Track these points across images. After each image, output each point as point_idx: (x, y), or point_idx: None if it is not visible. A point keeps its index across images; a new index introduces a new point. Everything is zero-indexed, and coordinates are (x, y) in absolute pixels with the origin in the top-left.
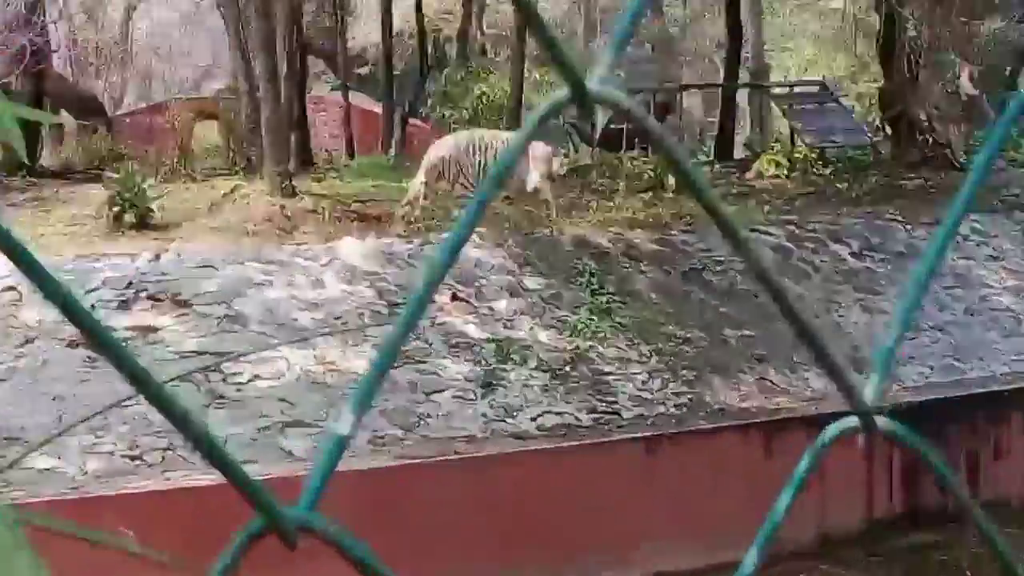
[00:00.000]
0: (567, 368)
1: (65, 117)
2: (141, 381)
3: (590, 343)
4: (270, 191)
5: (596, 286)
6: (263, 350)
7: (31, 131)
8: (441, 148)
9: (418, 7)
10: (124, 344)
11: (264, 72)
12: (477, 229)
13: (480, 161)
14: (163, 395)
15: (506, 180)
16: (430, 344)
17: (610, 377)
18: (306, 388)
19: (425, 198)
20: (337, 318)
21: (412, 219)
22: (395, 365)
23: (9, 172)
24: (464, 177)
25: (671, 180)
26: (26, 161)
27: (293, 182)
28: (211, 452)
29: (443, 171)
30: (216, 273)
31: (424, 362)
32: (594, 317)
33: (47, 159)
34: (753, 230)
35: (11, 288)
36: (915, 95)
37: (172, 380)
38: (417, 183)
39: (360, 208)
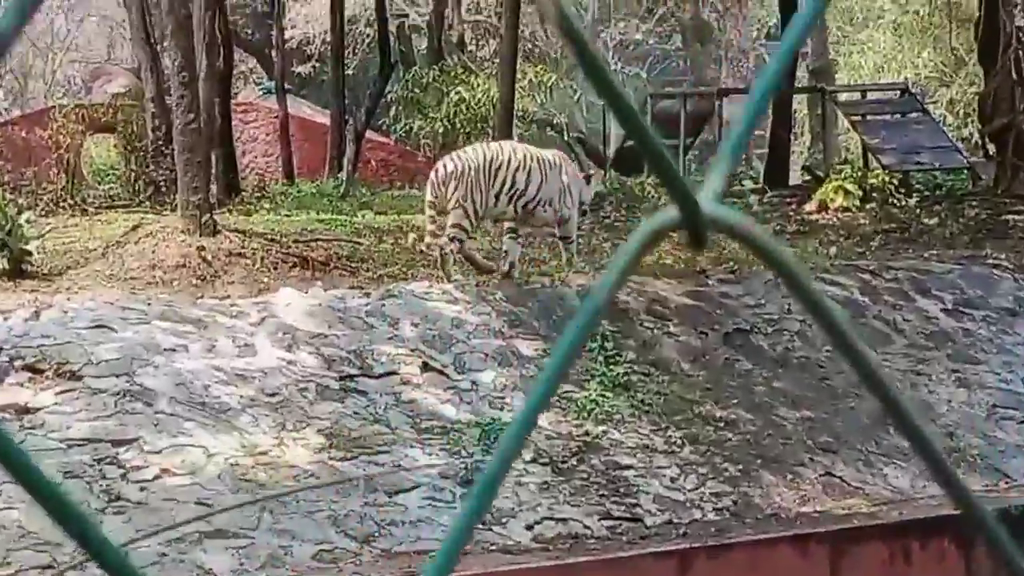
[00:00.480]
0: (573, 460)
1: None
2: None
3: (603, 427)
4: (184, 227)
5: (611, 353)
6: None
7: None
8: (450, 162)
9: None
10: None
11: (176, 70)
12: (454, 276)
13: (504, 181)
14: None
15: (536, 214)
16: (393, 429)
17: (630, 472)
18: (231, 487)
19: (434, 227)
20: (271, 395)
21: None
22: (349, 455)
23: None
24: (473, 202)
25: None
26: None
27: (214, 216)
28: None
29: (444, 192)
30: (114, 336)
31: (385, 451)
32: (608, 393)
33: None
34: (815, 280)
35: None
36: None
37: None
38: (425, 210)
39: (301, 250)
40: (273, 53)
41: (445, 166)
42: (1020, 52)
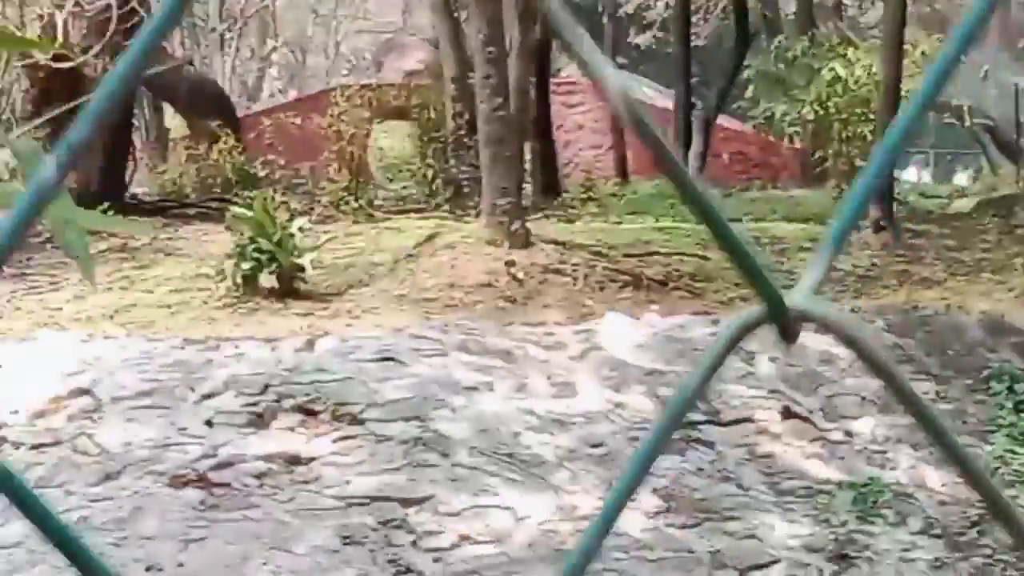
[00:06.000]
0: (973, 532)
1: (171, 121)
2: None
3: (1014, 491)
4: (490, 238)
5: (1022, 398)
6: None
7: (117, 143)
8: None
9: None
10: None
11: (481, 44)
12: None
13: None
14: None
15: None
16: (746, 490)
17: None
18: (544, 557)
19: None
20: (595, 445)
21: None
22: (689, 522)
23: (86, 205)
24: None
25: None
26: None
27: (527, 223)
28: None
29: None
30: (403, 371)
31: (736, 518)
32: (1018, 448)
33: (142, 183)
34: None
35: (85, 392)
36: None
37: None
38: None
39: (634, 266)
40: (603, 19)
41: None
42: None
